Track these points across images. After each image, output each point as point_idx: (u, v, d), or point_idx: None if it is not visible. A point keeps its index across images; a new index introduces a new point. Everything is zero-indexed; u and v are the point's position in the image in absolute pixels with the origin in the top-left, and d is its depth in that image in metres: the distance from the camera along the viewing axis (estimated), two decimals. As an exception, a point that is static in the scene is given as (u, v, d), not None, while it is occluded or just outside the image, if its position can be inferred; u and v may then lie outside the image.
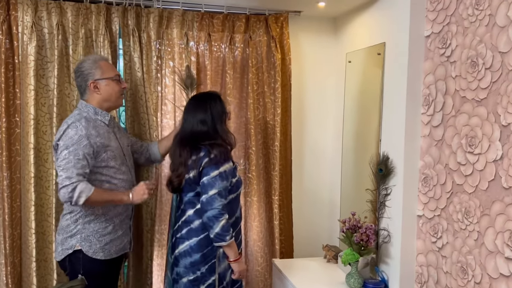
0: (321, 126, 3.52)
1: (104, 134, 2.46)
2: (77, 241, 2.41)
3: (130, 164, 2.65)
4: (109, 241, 2.48)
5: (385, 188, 2.74)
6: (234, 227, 2.54)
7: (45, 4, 2.82)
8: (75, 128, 2.35)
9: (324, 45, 3.45)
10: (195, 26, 3.12)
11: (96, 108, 2.48)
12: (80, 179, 2.30)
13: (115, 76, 2.53)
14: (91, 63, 2.48)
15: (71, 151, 2.31)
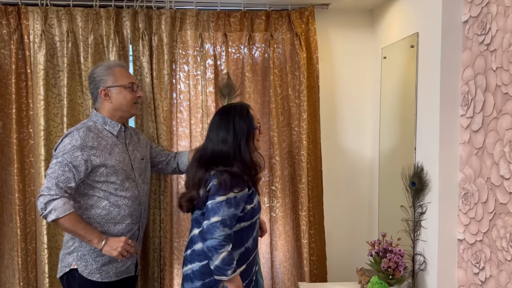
0: (355, 133, 3.11)
1: (105, 146, 2.27)
2: (73, 260, 2.24)
3: (140, 179, 2.41)
4: (107, 262, 2.27)
5: (420, 205, 2.31)
6: (244, 259, 2.21)
7: (55, 11, 2.74)
8: (71, 137, 2.20)
9: (358, 41, 3.05)
10: (211, 27, 2.88)
11: (105, 118, 2.33)
12: (58, 193, 2.12)
13: (129, 84, 2.35)
14: (104, 70, 2.34)
15: (60, 161, 2.16)
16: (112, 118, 2.35)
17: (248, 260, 2.23)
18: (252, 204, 2.21)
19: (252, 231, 2.25)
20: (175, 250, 2.90)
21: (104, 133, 2.31)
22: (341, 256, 3.12)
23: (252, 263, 2.28)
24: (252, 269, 2.29)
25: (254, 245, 2.29)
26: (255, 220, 2.25)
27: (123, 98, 2.33)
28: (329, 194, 3.06)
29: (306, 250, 2.93)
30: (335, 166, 3.10)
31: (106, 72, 2.33)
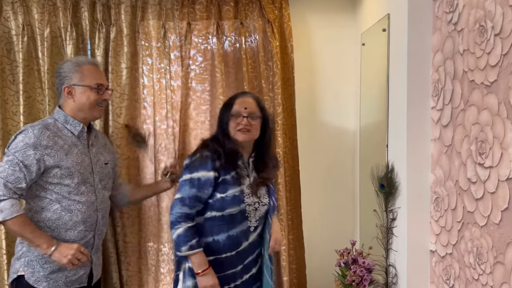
0: (335, 128, 2.83)
1: (62, 146, 2.09)
2: (20, 265, 2.08)
3: (101, 185, 2.23)
4: (57, 270, 2.10)
5: (391, 210, 2.03)
6: (211, 252, 2.03)
7: (10, 3, 2.59)
8: (24, 134, 2.03)
9: (337, 27, 2.77)
10: (176, 15, 2.67)
11: (68, 116, 2.15)
12: (7, 194, 1.97)
13: (95, 84, 2.15)
14: (72, 66, 2.15)
15: (10, 159, 1.99)
16: (75, 118, 2.17)
17: (218, 255, 2.04)
18: (224, 194, 2.02)
19: (227, 227, 2.03)
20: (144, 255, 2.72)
21: (64, 132, 2.14)
22: (321, 262, 2.84)
23: (228, 264, 2.05)
24: (228, 270, 2.06)
25: (231, 244, 2.04)
26: (229, 214, 2.02)
27: (86, 98, 2.14)
28: (307, 196, 2.79)
29: (284, 258, 2.68)
30: (314, 164, 2.84)
31: (74, 69, 2.14)
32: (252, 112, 2.05)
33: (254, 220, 2.06)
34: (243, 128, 2.02)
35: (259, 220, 2.08)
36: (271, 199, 2.09)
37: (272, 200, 2.11)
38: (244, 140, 2.05)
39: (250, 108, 2.05)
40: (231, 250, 2.05)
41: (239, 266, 2.07)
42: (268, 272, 2.08)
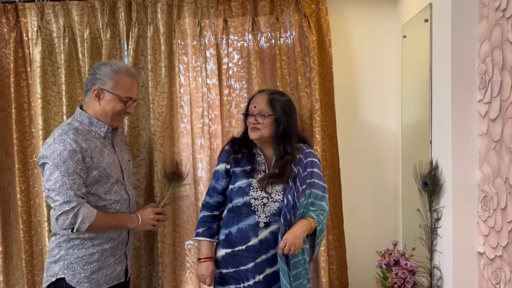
0: (376, 124, 2.73)
1: (96, 148, 2.11)
2: (59, 269, 2.10)
3: (128, 182, 2.27)
4: (97, 270, 2.12)
5: (435, 209, 1.93)
6: (226, 244, 2.11)
7: (51, 6, 2.65)
8: (62, 142, 2.02)
9: (377, 20, 2.67)
10: (211, 13, 2.65)
11: (92, 118, 2.15)
12: (80, 201, 2.00)
13: (126, 98, 2.16)
14: (110, 72, 2.14)
15: (63, 170, 1.99)
16: (98, 119, 2.18)
17: (232, 248, 2.10)
18: (232, 186, 2.12)
19: (237, 219, 2.09)
20: (178, 256, 2.72)
21: (92, 133, 2.15)
22: (363, 263, 2.76)
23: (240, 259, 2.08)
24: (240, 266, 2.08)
25: (241, 238, 2.08)
26: (236, 205, 2.09)
27: (111, 107, 2.14)
28: (348, 194, 2.71)
29: (323, 259, 2.61)
30: (354, 162, 2.75)
31: (111, 75, 2.14)
32: (261, 110, 2.07)
33: (263, 216, 2.05)
34: (253, 127, 2.07)
35: (270, 217, 2.05)
36: (286, 197, 2.03)
37: (288, 198, 2.03)
38: (254, 138, 2.09)
39: (258, 107, 2.08)
40: (241, 244, 2.08)
41: (250, 264, 2.07)
42: (284, 276, 1.99)
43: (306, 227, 2.02)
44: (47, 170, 2.02)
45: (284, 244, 1.96)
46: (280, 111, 2.07)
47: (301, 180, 2.07)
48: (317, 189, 2.10)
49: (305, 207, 2.07)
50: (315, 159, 2.16)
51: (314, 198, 2.09)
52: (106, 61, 2.42)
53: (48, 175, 2.01)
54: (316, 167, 2.13)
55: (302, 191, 2.06)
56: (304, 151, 2.13)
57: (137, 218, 2.19)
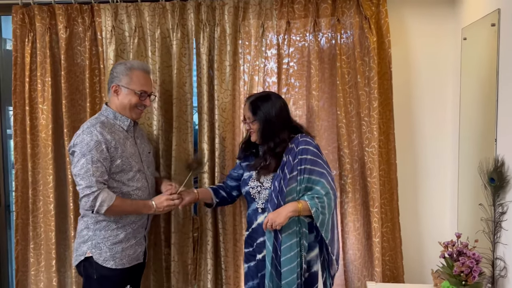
0: (433, 122, 2.83)
1: (120, 140, 2.35)
2: (88, 248, 2.35)
3: (148, 172, 2.51)
4: (120, 250, 2.37)
5: (501, 204, 2.04)
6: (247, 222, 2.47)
7: (125, 7, 2.83)
8: (89, 134, 2.27)
9: (435, 22, 2.76)
10: (274, 15, 2.79)
11: (116, 113, 2.41)
12: (100, 187, 2.24)
13: (139, 91, 2.39)
14: (124, 69, 2.40)
15: (89, 158, 2.24)
16: (120, 113, 2.41)
17: (247, 231, 2.47)
18: (242, 176, 2.50)
19: (247, 205, 2.48)
20: (237, 243, 2.89)
21: (116, 127, 2.39)
22: (417, 256, 2.88)
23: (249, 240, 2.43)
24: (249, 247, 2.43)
25: (249, 221, 2.43)
26: (244, 195, 2.49)
27: (128, 100, 2.38)
28: (404, 189, 2.83)
29: (378, 249, 2.73)
30: (410, 158, 2.86)
31: (125, 72, 2.38)
32: (247, 117, 2.37)
33: (260, 202, 2.35)
34: (249, 131, 2.40)
35: (265, 203, 2.32)
36: (273, 183, 2.27)
37: (275, 184, 2.26)
38: (253, 140, 2.39)
39: (245, 114, 2.39)
40: (249, 227, 2.43)
41: (254, 244, 2.39)
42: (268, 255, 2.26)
43: (292, 207, 2.21)
44: (75, 158, 2.27)
45: (266, 220, 2.22)
46: (261, 114, 2.31)
47: (290, 168, 2.25)
48: (312, 175, 2.26)
49: (299, 193, 2.26)
50: (309, 146, 2.29)
51: (307, 183, 2.26)
52: (122, 61, 2.66)
53: (75, 162, 2.26)
54: (309, 153, 2.27)
55: (292, 178, 2.25)
56: (297, 139, 2.31)
57: (153, 205, 2.39)
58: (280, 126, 2.31)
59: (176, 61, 2.77)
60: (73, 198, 2.86)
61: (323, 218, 2.22)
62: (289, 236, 2.23)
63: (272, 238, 2.24)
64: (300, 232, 2.26)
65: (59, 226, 2.95)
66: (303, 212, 2.22)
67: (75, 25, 2.88)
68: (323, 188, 2.24)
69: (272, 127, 2.30)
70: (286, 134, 2.32)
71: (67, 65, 2.85)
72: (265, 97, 2.36)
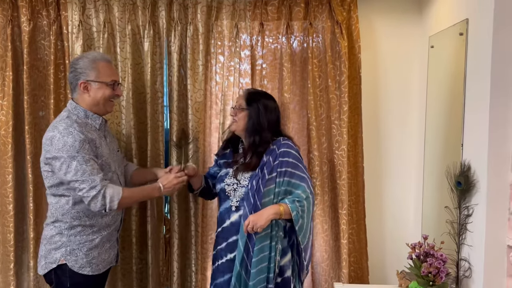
0: (400, 127, 2.92)
1: (96, 139, 2.21)
2: (61, 255, 2.19)
3: (119, 171, 2.38)
4: (97, 255, 2.25)
5: (466, 207, 2.12)
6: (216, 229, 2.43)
7: (93, 1, 2.74)
8: (71, 134, 2.10)
9: (404, 29, 2.85)
10: (248, 16, 2.79)
11: (87, 111, 2.24)
12: (104, 184, 2.12)
13: (111, 81, 2.25)
14: (88, 62, 2.22)
15: (80, 159, 2.08)
16: (92, 111, 2.26)
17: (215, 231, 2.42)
18: (217, 175, 2.45)
19: (220, 205, 2.43)
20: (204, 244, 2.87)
21: (89, 127, 2.23)
22: (381, 257, 2.96)
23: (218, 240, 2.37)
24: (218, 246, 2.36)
25: (220, 220, 2.38)
26: (218, 193, 2.43)
27: (101, 94, 2.23)
28: (370, 192, 2.89)
29: (345, 251, 2.78)
30: (376, 161, 2.94)
31: (90, 66, 2.22)
32: (239, 104, 2.34)
33: (235, 200, 2.29)
34: (232, 119, 2.37)
35: (240, 201, 2.28)
36: (251, 182, 2.24)
37: (253, 183, 2.23)
38: (232, 129, 2.39)
39: (238, 102, 2.38)
40: (219, 226, 2.37)
41: (223, 243, 2.33)
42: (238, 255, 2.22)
43: (273, 210, 2.17)
44: (64, 163, 2.08)
45: (247, 222, 2.15)
46: (255, 107, 2.30)
47: (269, 168, 2.23)
48: (292, 178, 2.25)
49: (277, 195, 2.23)
50: (290, 149, 2.29)
51: (287, 186, 2.25)
52: (79, 55, 2.51)
53: (65, 168, 2.08)
54: (290, 157, 2.26)
55: (271, 179, 2.23)
56: (279, 142, 2.30)
57: (159, 186, 2.31)
58: (268, 126, 2.30)
59: (149, 59, 2.71)
60: (33, 198, 2.75)
61: (302, 222, 2.20)
62: (263, 238, 2.19)
63: (245, 238, 2.20)
64: (276, 235, 2.22)
65: (18, 227, 2.81)
66: (284, 215, 2.18)
67: (39, 18, 2.76)
68: (303, 192, 2.23)
69: (260, 123, 2.29)
70: (270, 136, 2.31)
71: (30, 60, 2.72)
72: (265, 95, 2.40)
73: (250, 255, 2.21)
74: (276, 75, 2.85)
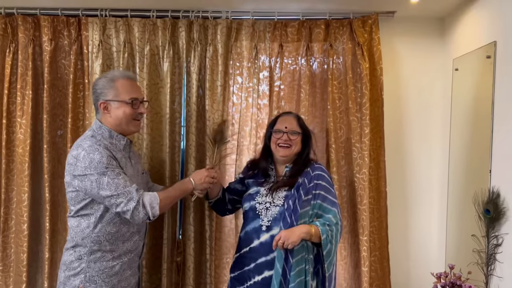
0: (423, 151, 2.84)
1: (122, 159, 2.15)
2: (80, 282, 2.10)
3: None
4: (117, 283, 2.15)
5: (495, 236, 2.02)
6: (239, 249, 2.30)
7: (113, 21, 2.75)
8: (97, 151, 2.03)
9: (426, 51, 2.80)
10: (267, 37, 2.77)
11: (111, 131, 2.16)
12: (140, 193, 2.06)
13: (130, 99, 2.16)
14: (106, 82, 2.17)
15: (110, 174, 2.01)
16: (116, 131, 2.19)
17: (240, 251, 2.29)
18: (245, 194, 2.36)
19: (246, 223, 2.30)
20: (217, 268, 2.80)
21: (113, 147, 2.16)
22: (403, 286, 2.84)
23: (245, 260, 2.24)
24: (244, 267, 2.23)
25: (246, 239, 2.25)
26: (245, 210, 2.31)
27: (122, 113, 2.15)
28: (392, 217, 2.80)
29: (366, 279, 2.67)
30: (399, 187, 2.86)
31: (108, 85, 2.16)
32: (292, 129, 2.27)
33: (266, 220, 2.19)
34: (283, 144, 2.26)
35: (272, 221, 2.17)
36: (287, 202, 2.16)
37: (289, 203, 2.15)
38: (284, 155, 2.27)
39: (290, 126, 2.29)
40: (245, 246, 2.24)
41: (252, 264, 2.20)
42: (276, 278, 2.08)
43: (306, 229, 2.09)
44: (94, 182, 2.01)
45: (278, 237, 2.06)
46: (307, 131, 2.32)
47: (305, 190, 2.17)
48: (324, 202, 2.18)
49: (310, 217, 2.16)
50: (324, 173, 2.25)
51: (319, 209, 2.18)
52: (101, 75, 2.43)
53: (97, 186, 2.01)
54: (323, 180, 2.22)
55: (307, 200, 2.16)
56: (313, 165, 2.27)
57: (190, 179, 2.27)
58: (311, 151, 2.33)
59: (168, 79, 2.69)
60: (49, 217, 2.72)
61: (331, 247, 2.11)
62: (299, 261, 2.09)
63: (282, 260, 2.08)
64: (308, 259, 2.13)
65: (32, 247, 2.78)
66: (314, 237, 2.10)
67: (61, 37, 2.78)
68: (334, 217, 2.15)
69: (310, 149, 2.32)
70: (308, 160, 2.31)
71: (50, 79, 2.74)
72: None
73: (287, 278, 2.09)
74: (294, 96, 2.81)
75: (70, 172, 2.08)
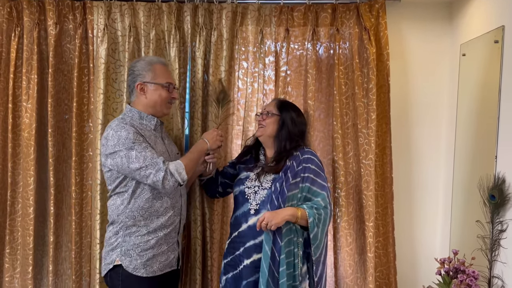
0: (428, 137, 2.83)
1: (151, 137, 2.25)
2: (117, 255, 2.21)
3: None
4: (152, 257, 2.22)
5: (500, 221, 2.02)
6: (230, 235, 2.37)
7: (119, 5, 2.73)
8: (123, 128, 2.16)
9: (434, 36, 2.77)
10: (273, 22, 2.74)
11: (141, 112, 2.29)
12: (166, 163, 2.17)
13: (166, 83, 2.31)
14: (145, 64, 2.30)
15: (137, 148, 2.13)
16: (147, 113, 2.31)
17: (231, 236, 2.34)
18: (236, 178, 2.41)
19: (235, 209, 2.36)
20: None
21: (143, 126, 2.28)
22: (410, 272, 2.85)
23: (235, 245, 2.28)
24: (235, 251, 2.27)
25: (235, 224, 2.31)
26: (235, 196, 2.36)
27: (158, 96, 2.29)
28: (398, 203, 2.79)
29: (371, 265, 2.67)
30: (404, 172, 2.85)
31: (147, 68, 2.29)
32: (268, 110, 2.34)
33: (255, 203, 2.24)
34: (259, 124, 2.36)
35: (260, 204, 2.22)
36: (274, 184, 2.20)
37: (276, 186, 2.19)
38: (258, 135, 2.37)
39: (267, 108, 2.37)
40: (235, 230, 2.29)
41: (241, 248, 2.24)
42: (265, 260, 2.11)
43: (291, 211, 2.11)
44: (124, 158, 2.13)
45: (262, 218, 2.09)
46: (286, 114, 2.32)
47: (293, 172, 2.20)
48: (313, 185, 2.21)
49: (299, 200, 2.19)
50: (314, 157, 2.28)
51: (308, 192, 2.21)
52: (138, 58, 2.54)
53: (127, 160, 2.13)
54: (313, 164, 2.24)
55: (295, 183, 2.19)
56: (302, 149, 2.30)
57: (206, 142, 2.37)
58: (294, 135, 2.31)
59: (177, 64, 2.67)
60: (54, 201, 2.74)
61: (317, 231, 2.13)
62: (287, 243, 2.12)
63: (270, 242, 2.11)
64: (297, 242, 2.16)
65: (38, 230, 2.80)
66: (300, 220, 2.12)
67: (66, 21, 2.77)
68: (323, 200, 2.18)
69: (289, 130, 2.31)
70: (296, 144, 2.31)
71: (55, 63, 2.73)
72: (295, 107, 2.42)
73: (276, 260, 2.12)
74: (300, 81, 2.79)
75: (103, 153, 2.21)
